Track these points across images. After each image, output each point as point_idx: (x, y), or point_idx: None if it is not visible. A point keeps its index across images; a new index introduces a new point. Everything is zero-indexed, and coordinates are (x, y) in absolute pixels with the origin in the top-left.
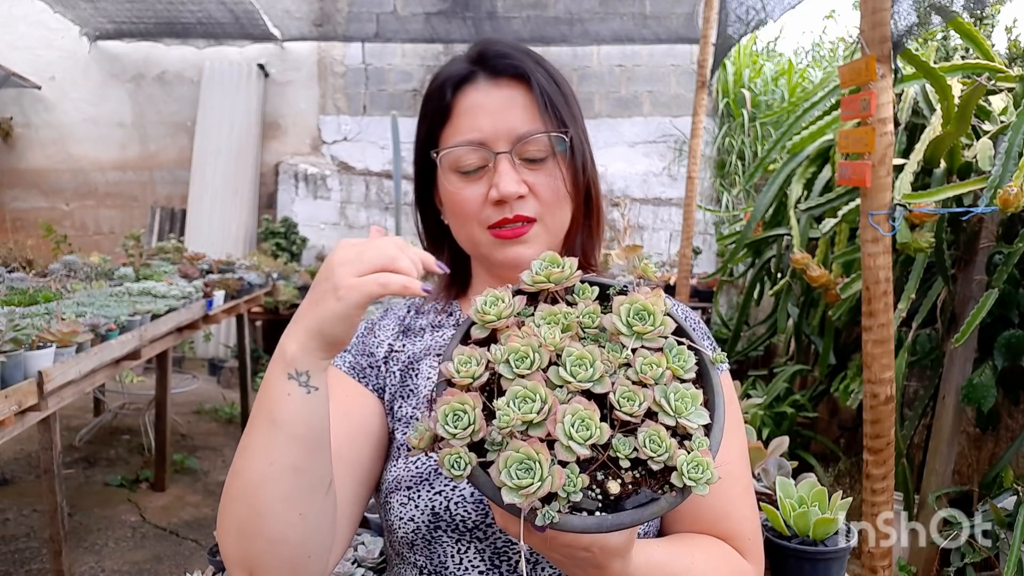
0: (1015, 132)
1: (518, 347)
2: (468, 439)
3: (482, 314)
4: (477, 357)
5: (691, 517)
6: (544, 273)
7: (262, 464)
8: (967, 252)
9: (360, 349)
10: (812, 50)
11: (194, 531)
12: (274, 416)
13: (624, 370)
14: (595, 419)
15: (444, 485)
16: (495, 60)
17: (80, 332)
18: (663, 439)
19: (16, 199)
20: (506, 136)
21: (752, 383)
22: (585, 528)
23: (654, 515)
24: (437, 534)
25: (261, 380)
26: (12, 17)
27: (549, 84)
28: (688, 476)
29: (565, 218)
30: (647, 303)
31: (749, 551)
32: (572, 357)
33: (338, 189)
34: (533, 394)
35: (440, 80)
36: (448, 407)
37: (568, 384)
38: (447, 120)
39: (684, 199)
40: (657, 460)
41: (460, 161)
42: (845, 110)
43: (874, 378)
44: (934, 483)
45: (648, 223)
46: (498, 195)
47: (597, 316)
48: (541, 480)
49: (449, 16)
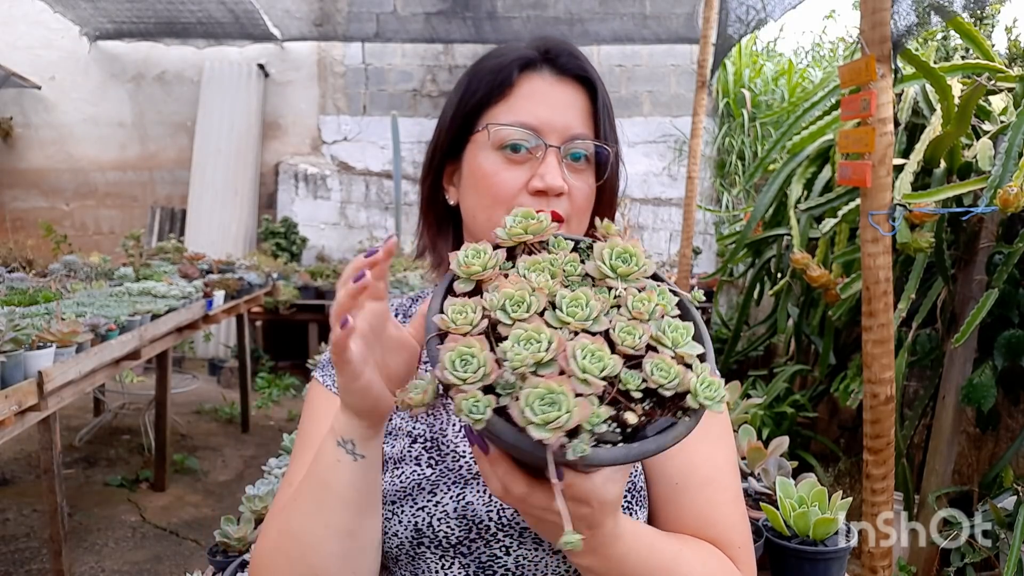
0: (1015, 132)
1: (513, 292)
2: (480, 383)
3: (466, 266)
4: (472, 306)
5: (676, 525)
6: (521, 225)
7: (318, 526)
8: (967, 252)
9: None
10: (812, 50)
11: (194, 531)
12: (326, 481)
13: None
14: (606, 351)
15: (427, 501)
16: (565, 58)
17: (80, 332)
18: (670, 366)
19: (16, 199)
20: (561, 131)
21: (752, 383)
22: (614, 459)
23: (676, 439)
24: (420, 550)
25: (261, 380)
26: (12, 17)
27: (607, 98)
28: (703, 396)
29: (585, 225)
30: (627, 246)
31: (740, 560)
32: (567, 299)
33: (338, 189)
34: (538, 334)
35: (503, 58)
36: (455, 353)
37: (567, 325)
38: (504, 98)
39: (684, 199)
40: (668, 387)
41: (506, 141)
42: (845, 110)
43: (874, 378)
44: (934, 483)
45: (648, 223)
46: (543, 185)
47: (579, 264)
48: (568, 412)
49: (449, 16)
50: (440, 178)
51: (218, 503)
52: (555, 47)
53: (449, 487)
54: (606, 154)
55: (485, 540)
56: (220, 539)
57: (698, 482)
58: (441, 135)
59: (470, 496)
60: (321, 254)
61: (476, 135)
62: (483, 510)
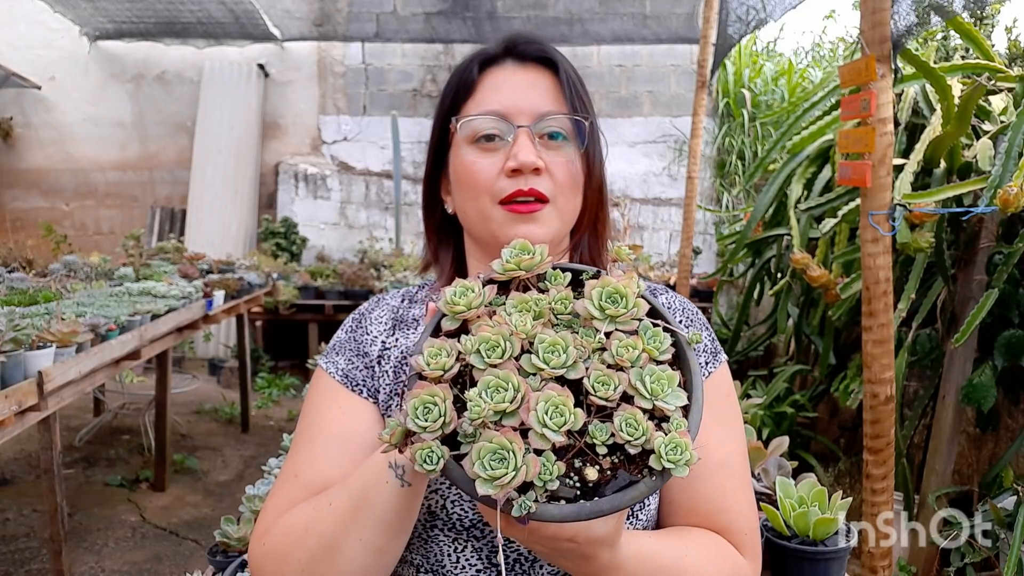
0: (1015, 132)
1: (488, 336)
2: (439, 432)
3: (451, 305)
4: (447, 349)
5: (686, 510)
6: (515, 260)
7: (351, 538)
8: (967, 252)
9: (354, 349)
10: (812, 50)
11: (194, 531)
12: (369, 497)
13: (599, 354)
14: (569, 405)
15: (440, 484)
16: (524, 46)
17: (80, 332)
18: (639, 422)
19: (16, 199)
20: (529, 112)
21: (752, 383)
22: (563, 516)
23: (634, 500)
24: (433, 533)
25: (261, 380)
26: (12, 17)
27: (573, 73)
28: (666, 458)
29: (577, 205)
30: (619, 286)
31: (746, 546)
32: (544, 344)
33: (338, 189)
34: (505, 383)
35: (468, 59)
36: (418, 400)
37: (541, 371)
38: (470, 95)
39: (684, 199)
40: (634, 444)
41: (478, 132)
42: (845, 110)
43: (874, 378)
44: (934, 483)
45: (648, 223)
46: (516, 164)
47: (570, 302)
48: (515, 469)
49: (449, 16)
50: (437, 191)
51: (218, 503)
52: (515, 39)
53: None
54: (583, 126)
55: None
56: (220, 539)
57: (711, 468)
58: (429, 148)
59: None
60: (321, 254)
61: (452, 137)
62: None
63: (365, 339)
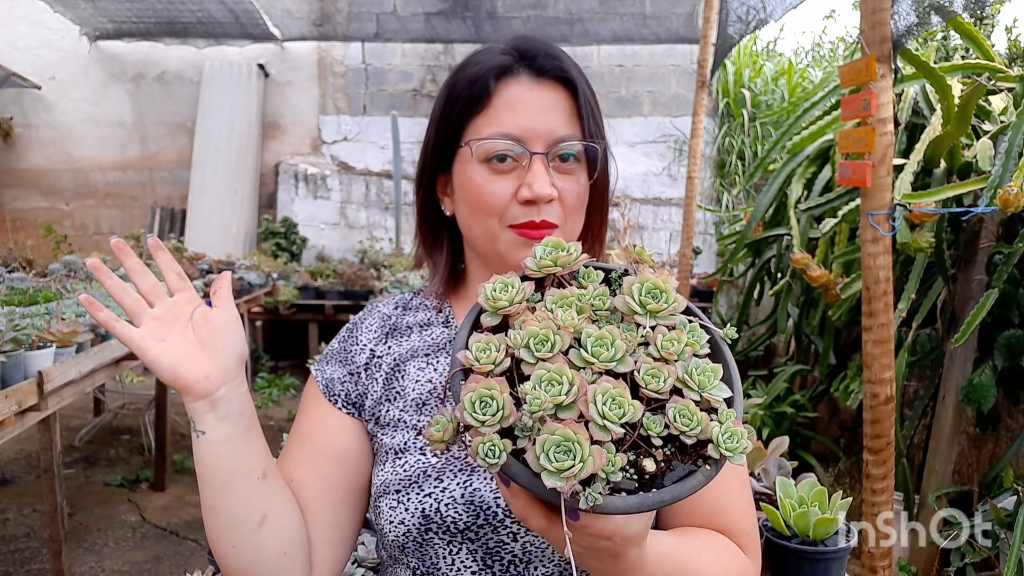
0: (1015, 132)
1: (537, 331)
2: (498, 425)
3: (493, 300)
4: (496, 343)
5: (688, 512)
6: (551, 257)
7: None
8: (967, 252)
9: (341, 358)
10: (812, 50)
11: (194, 531)
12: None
13: (643, 349)
14: (627, 397)
15: (433, 487)
16: (542, 59)
17: (80, 332)
18: (694, 413)
19: (16, 199)
20: (545, 136)
21: (752, 383)
22: (627, 508)
23: (693, 490)
24: (428, 536)
25: (261, 380)
26: (12, 17)
27: (590, 93)
28: (724, 447)
29: (580, 225)
30: (658, 282)
31: (747, 546)
32: (592, 338)
33: (338, 189)
34: (559, 376)
35: (479, 67)
36: (475, 394)
37: (591, 365)
38: (483, 109)
39: (684, 199)
40: (690, 434)
41: (491, 152)
42: (845, 110)
43: (874, 378)
44: (934, 483)
45: (648, 223)
46: (531, 195)
47: (608, 298)
48: (583, 461)
49: (449, 16)
50: (433, 190)
51: None
52: (531, 48)
53: (456, 474)
54: (595, 151)
55: (492, 526)
56: None
57: None
58: (428, 150)
59: (476, 483)
60: (321, 254)
61: (461, 150)
62: (490, 496)
63: (354, 348)
